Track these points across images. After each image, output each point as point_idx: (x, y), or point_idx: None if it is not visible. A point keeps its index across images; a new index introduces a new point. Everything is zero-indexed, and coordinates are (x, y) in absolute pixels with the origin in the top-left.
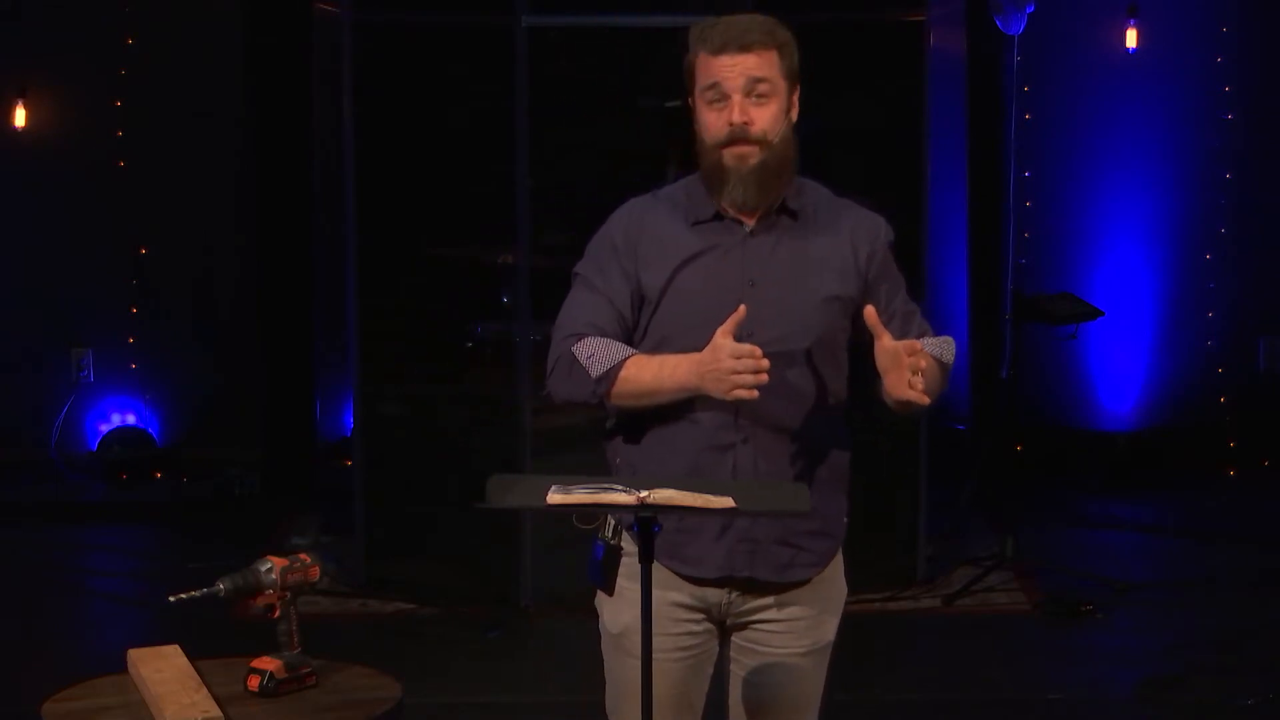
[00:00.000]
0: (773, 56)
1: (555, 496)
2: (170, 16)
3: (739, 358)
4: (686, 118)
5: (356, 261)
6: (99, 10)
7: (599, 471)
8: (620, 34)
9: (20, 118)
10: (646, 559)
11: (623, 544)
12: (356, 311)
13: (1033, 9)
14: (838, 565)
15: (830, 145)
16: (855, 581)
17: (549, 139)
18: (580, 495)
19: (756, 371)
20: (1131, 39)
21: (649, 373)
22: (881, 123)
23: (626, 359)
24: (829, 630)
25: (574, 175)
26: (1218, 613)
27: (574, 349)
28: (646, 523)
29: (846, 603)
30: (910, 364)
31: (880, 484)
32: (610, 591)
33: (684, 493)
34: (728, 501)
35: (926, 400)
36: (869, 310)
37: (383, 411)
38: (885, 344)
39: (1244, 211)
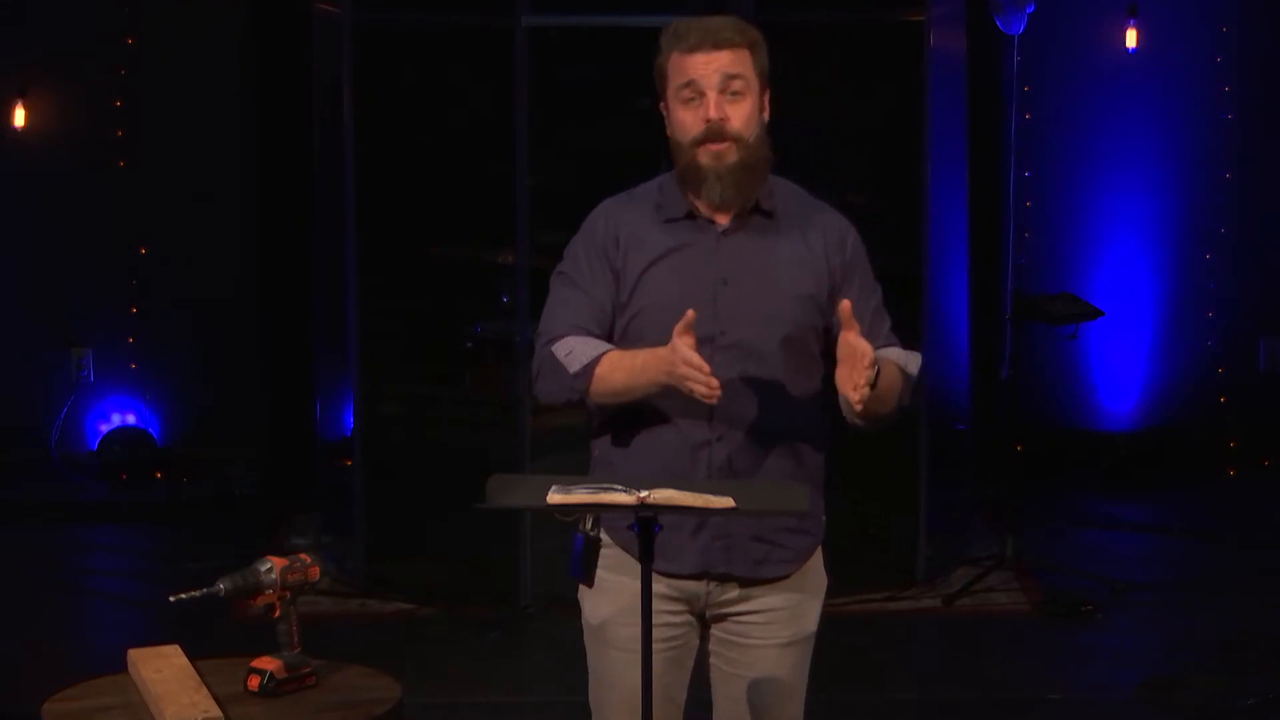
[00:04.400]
0: (746, 55)
1: (555, 496)
2: (170, 16)
3: (691, 366)
4: (659, 121)
5: (356, 261)
6: (99, 10)
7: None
8: (620, 34)
9: (20, 118)
10: (647, 559)
11: (601, 536)
12: (356, 311)
13: (1033, 9)
14: (817, 558)
15: (830, 145)
16: (855, 581)
17: (549, 139)
18: (580, 495)
19: (708, 388)
20: (1131, 39)
21: (622, 370)
22: (881, 123)
23: (602, 355)
24: (810, 621)
25: (574, 176)
26: (1218, 613)
27: (553, 349)
28: (647, 522)
29: (847, 602)
30: (865, 373)
31: (880, 484)
32: (590, 583)
33: (684, 493)
34: (728, 501)
35: (858, 408)
36: (844, 304)
37: (383, 411)
38: (849, 338)
39: (1244, 211)
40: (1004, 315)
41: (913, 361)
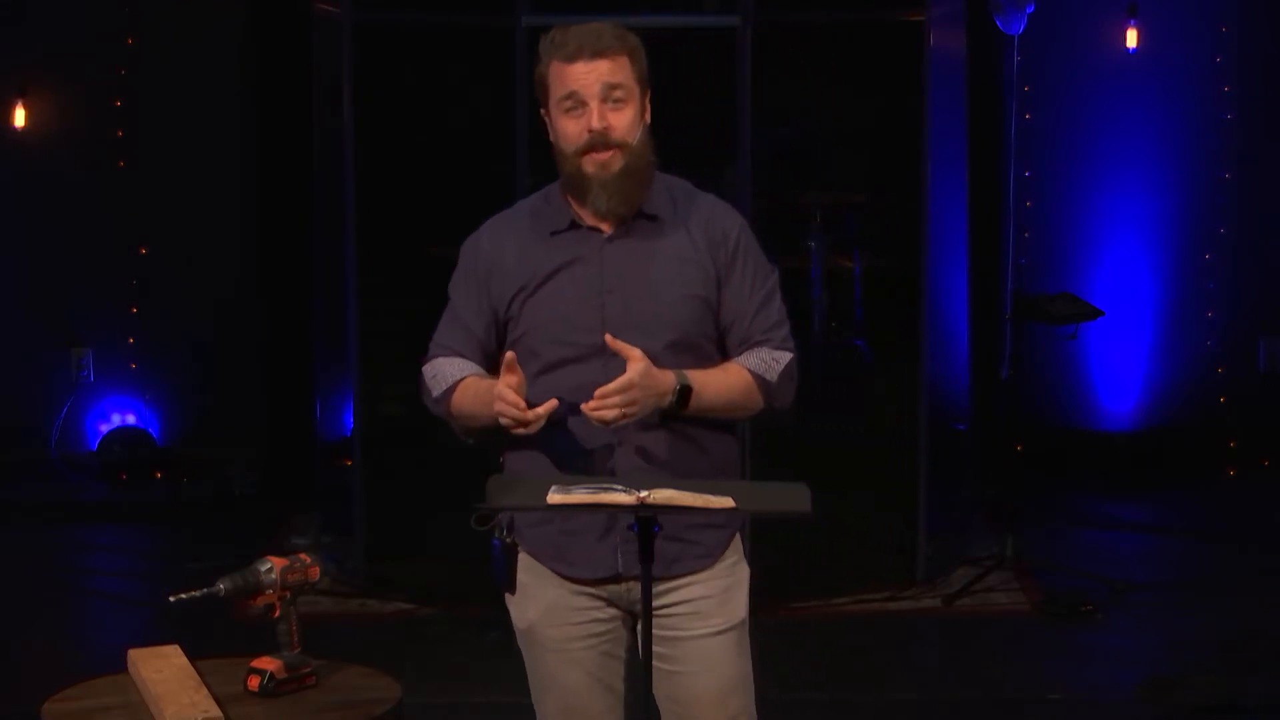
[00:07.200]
0: (625, 62)
1: (555, 497)
2: (170, 16)
3: (505, 403)
4: (541, 129)
5: (356, 262)
6: (99, 10)
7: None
8: None
9: (20, 117)
10: (646, 559)
11: (518, 541)
12: (356, 311)
13: (1033, 9)
14: (736, 547)
15: (830, 145)
16: (855, 581)
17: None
18: (580, 495)
19: (522, 425)
20: (1131, 39)
21: (469, 398)
22: (881, 123)
23: (459, 381)
24: (739, 608)
25: None
26: (1218, 613)
27: (424, 369)
28: (646, 522)
29: (847, 602)
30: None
31: (880, 484)
32: (512, 589)
33: (683, 493)
34: (728, 501)
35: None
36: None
37: (383, 411)
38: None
39: (1244, 211)
40: (1004, 315)
41: (774, 365)
